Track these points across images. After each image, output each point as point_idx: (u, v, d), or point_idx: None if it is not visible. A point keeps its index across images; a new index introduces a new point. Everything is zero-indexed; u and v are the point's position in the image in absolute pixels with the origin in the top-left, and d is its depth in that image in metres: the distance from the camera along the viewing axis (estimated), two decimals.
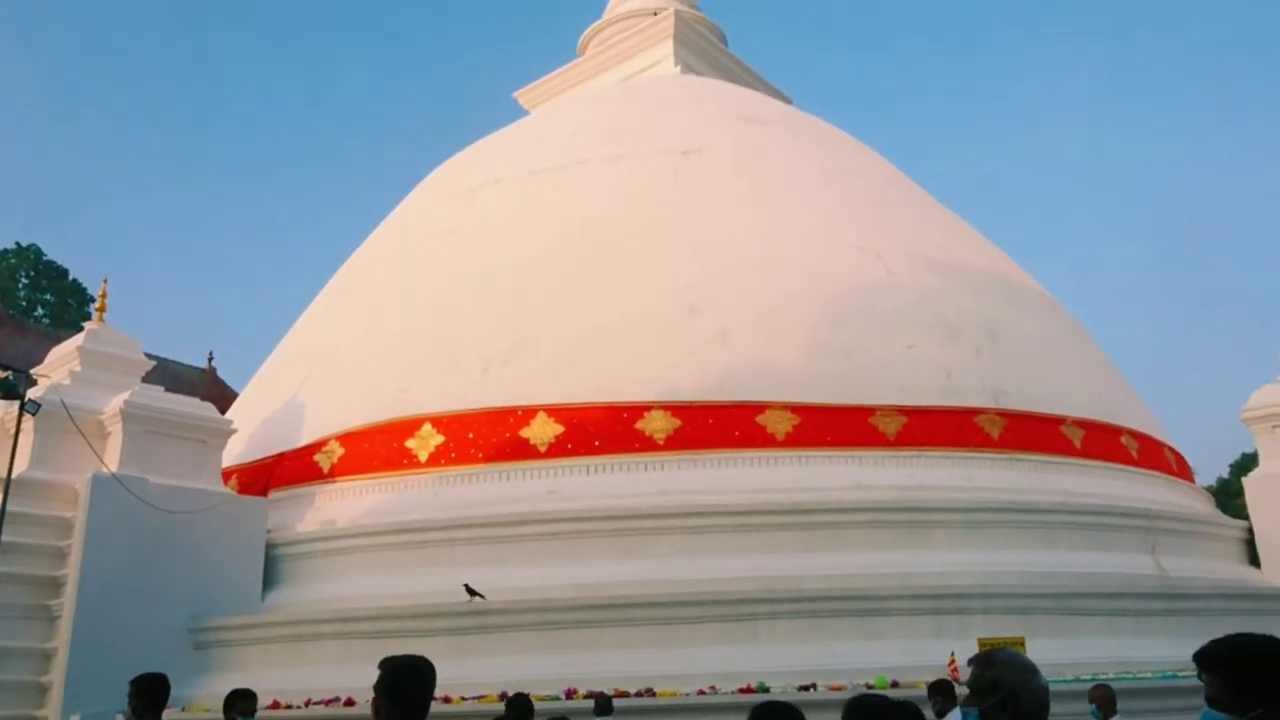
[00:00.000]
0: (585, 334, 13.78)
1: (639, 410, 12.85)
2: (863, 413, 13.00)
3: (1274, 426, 16.05)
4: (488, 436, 13.08)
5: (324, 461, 13.87)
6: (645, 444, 12.71)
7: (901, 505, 12.19)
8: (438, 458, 13.15)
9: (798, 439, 12.72)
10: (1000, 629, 10.42)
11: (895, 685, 9.30)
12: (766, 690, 9.61)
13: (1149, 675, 10.52)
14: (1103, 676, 10.34)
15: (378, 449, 13.53)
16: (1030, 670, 2.50)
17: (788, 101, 24.56)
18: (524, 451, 12.89)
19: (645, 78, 23.09)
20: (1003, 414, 13.55)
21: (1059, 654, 10.54)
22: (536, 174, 17.43)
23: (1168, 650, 11.46)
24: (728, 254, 14.73)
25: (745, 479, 12.44)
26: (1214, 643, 2.58)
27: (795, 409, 12.95)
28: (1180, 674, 10.75)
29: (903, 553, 11.85)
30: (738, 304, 13.94)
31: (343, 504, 13.51)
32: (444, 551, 12.14)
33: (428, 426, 13.36)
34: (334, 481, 13.71)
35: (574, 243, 15.34)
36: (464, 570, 11.50)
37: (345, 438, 13.84)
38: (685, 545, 11.82)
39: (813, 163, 17.88)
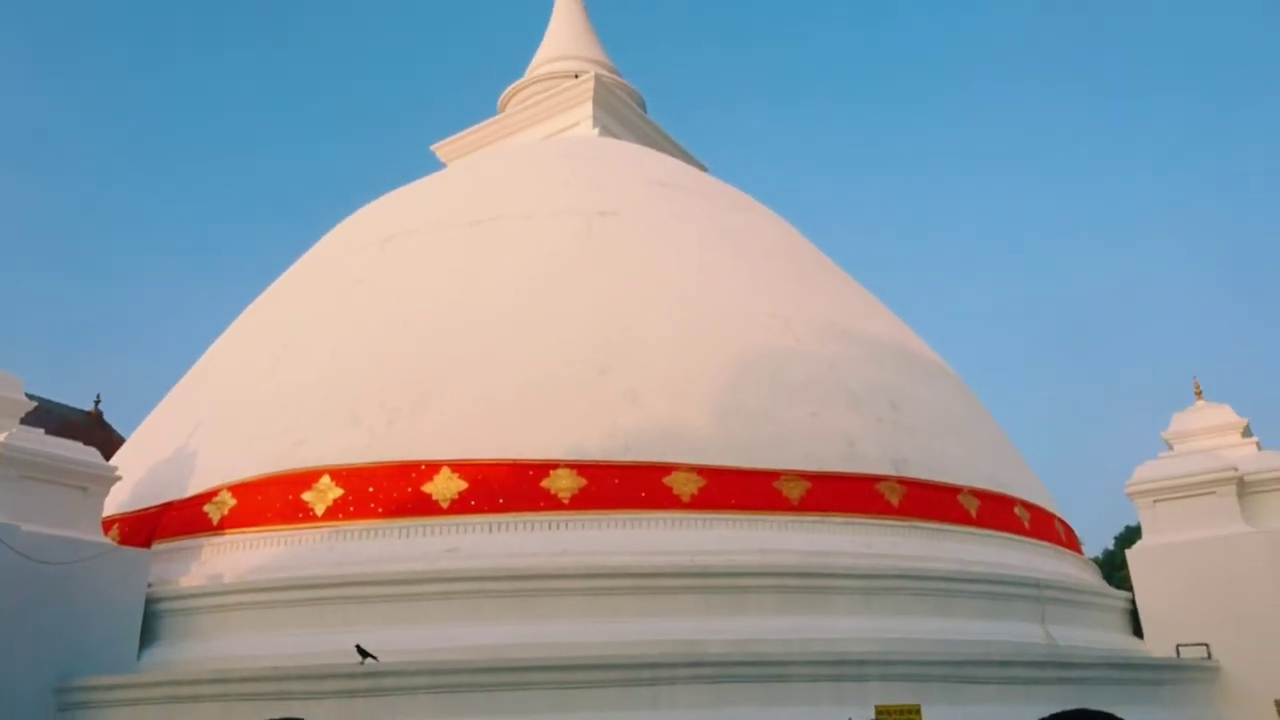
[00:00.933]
0: (493, 390, 13.64)
1: (545, 468, 12.72)
2: (768, 477, 13.11)
3: (1155, 501, 16.70)
4: (388, 491, 12.76)
5: (214, 513, 13.31)
6: (550, 503, 12.56)
7: (804, 571, 12.26)
8: (335, 512, 12.75)
9: (703, 501, 12.74)
10: (898, 696, 10.52)
11: None
12: None
13: None
14: None
15: (272, 501, 13.05)
16: None
17: (703, 168, 25.09)
18: (425, 508, 12.60)
19: (564, 138, 23.36)
20: (903, 482, 13.82)
21: None
22: (450, 227, 17.36)
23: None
24: (639, 315, 14.83)
25: (650, 540, 12.37)
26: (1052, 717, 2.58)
27: (702, 471, 12.98)
28: None
29: (804, 618, 11.90)
30: (648, 365, 14.00)
31: (231, 558, 12.95)
32: (337, 610, 11.71)
33: (326, 479, 12.97)
34: (223, 534, 13.15)
35: (485, 298, 15.25)
36: (358, 630, 11.11)
37: (238, 488, 13.34)
38: (587, 607, 11.65)
39: (726, 229, 18.23)
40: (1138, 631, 16.32)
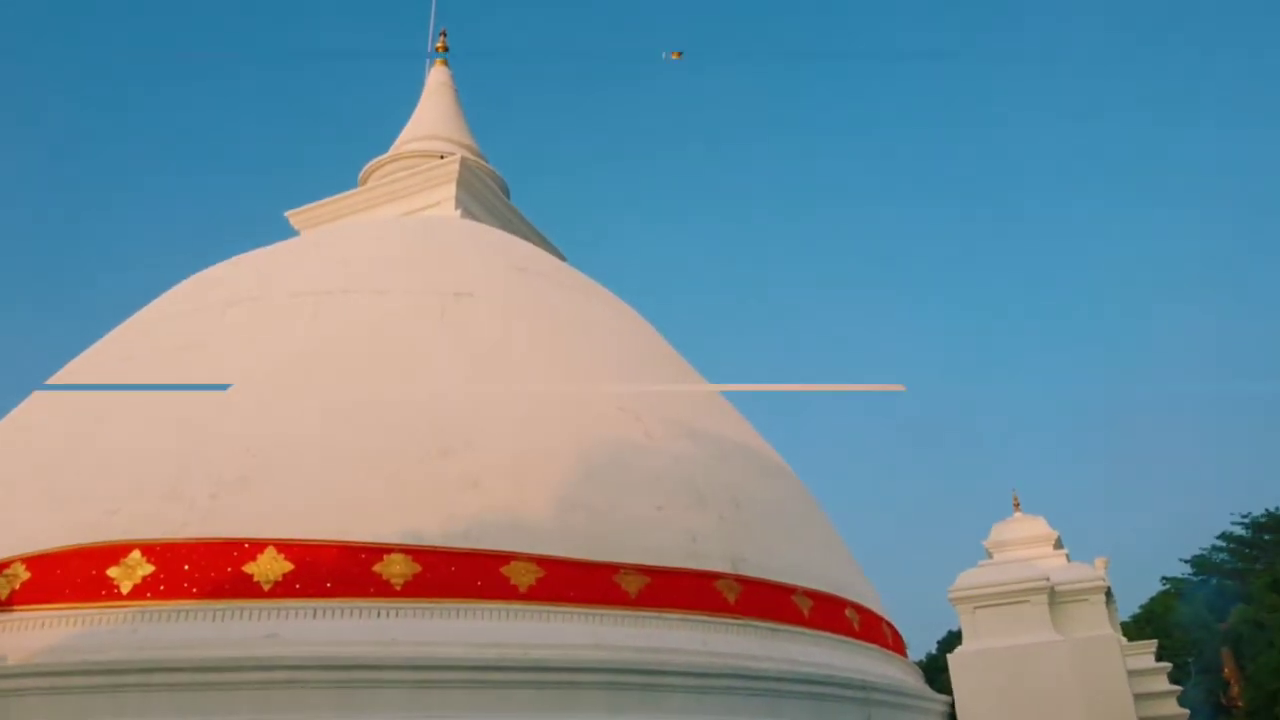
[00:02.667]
0: (328, 468, 13.10)
1: (378, 552, 12.22)
2: (608, 570, 13.00)
3: (975, 608, 17.46)
4: (206, 570, 11.96)
5: (3, 587, 12.14)
6: (381, 589, 12.04)
7: (638, 667, 12.12)
8: (143, 590, 11.83)
9: (541, 593, 12.49)
10: None
11: None
12: None
13: None
14: None
15: (72, 575, 12.01)
16: None
17: (561, 257, 25.34)
18: (245, 589, 11.85)
19: (425, 217, 23.20)
20: (740, 580, 13.95)
21: None
22: (298, 296, 16.83)
23: None
24: (488, 400, 14.65)
25: (484, 632, 12.00)
26: None
27: (541, 562, 12.76)
28: None
29: (637, 716, 11.73)
30: (493, 451, 13.78)
31: (20, 637, 11.77)
32: (137, 698, 10.77)
33: (136, 554, 12.06)
34: (12, 610, 11.97)
35: (328, 372, 14.76)
36: None
37: (34, 560, 12.22)
38: (413, 700, 11.13)
39: (581, 318, 18.38)
40: None
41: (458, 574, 12.35)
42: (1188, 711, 18.08)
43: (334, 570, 12.06)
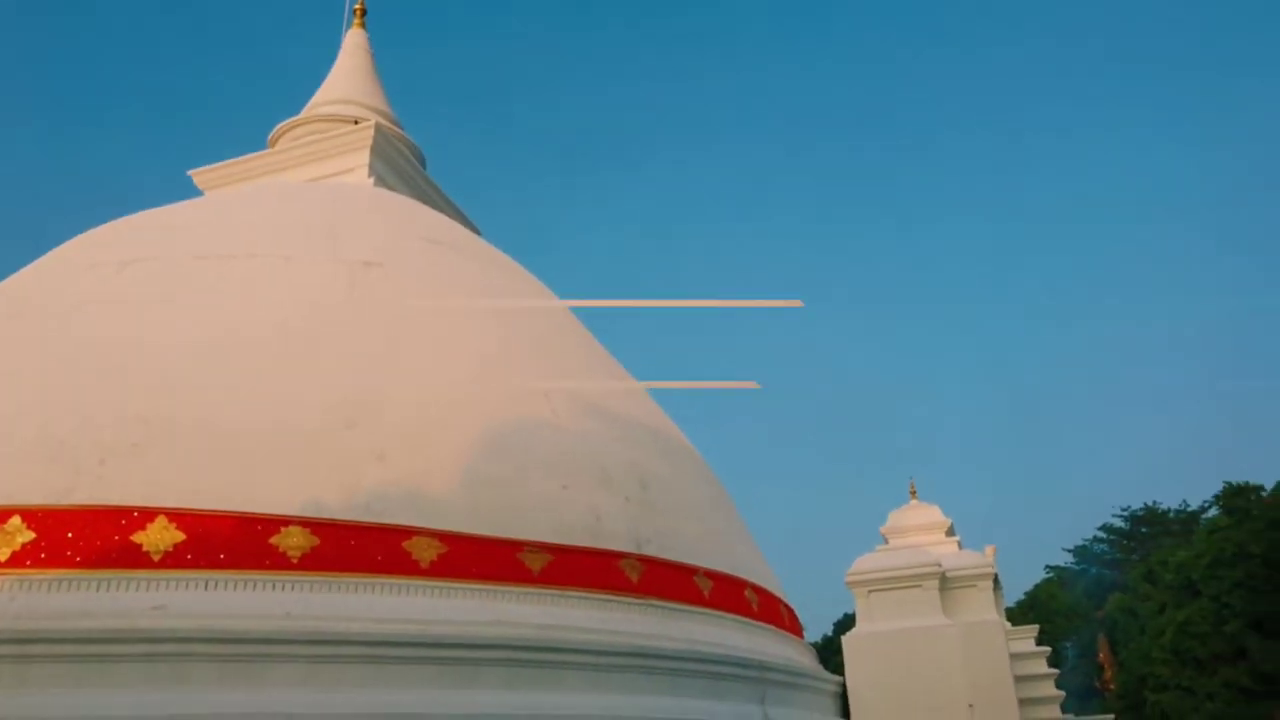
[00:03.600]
0: (226, 436, 12.73)
1: (275, 524, 11.95)
2: (511, 547, 12.96)
3: (870, 591, 17.98)
4: (91, 538, 11.52)
5: None
6: (278, 561, 11.78)
7: (539, 644, 12.13)
8: (23, 558, 11.33)
9: (442, 569, 12.39)
10: None
11: None
12: None
13: None
14: None
15: None
16: None
17: (476, 231, 25.03)
18: (134, 559, 11.46)
19: (336, 183, 22.64)
20: (643, 560, 14.07)
21: None
22: (200, 259, 16.26)
23: None
24: (395, 373, 14.41)
25: (383, 607, 11.85)
26: None
27: (444, 537, 12.65)
28: None
29: (536, 693, 11.75)
30: (398, 424, 13.58)
31: None
32: (13, 670, 10.33)
33: (17, 520, 11.54)
34: None
35: (229, 337, 14.32)
36: (34, 693, 9.85)
37: None
38: (309, 676, 10.93)
39: (494, 294, 18.20)
40: (846, 714, 17.31)
41: (358, 548, 12.16)
42: (1063, 693, 18.96)
43: (228, 541, 11.75)
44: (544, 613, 12.79)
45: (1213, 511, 41.75)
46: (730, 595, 15.45)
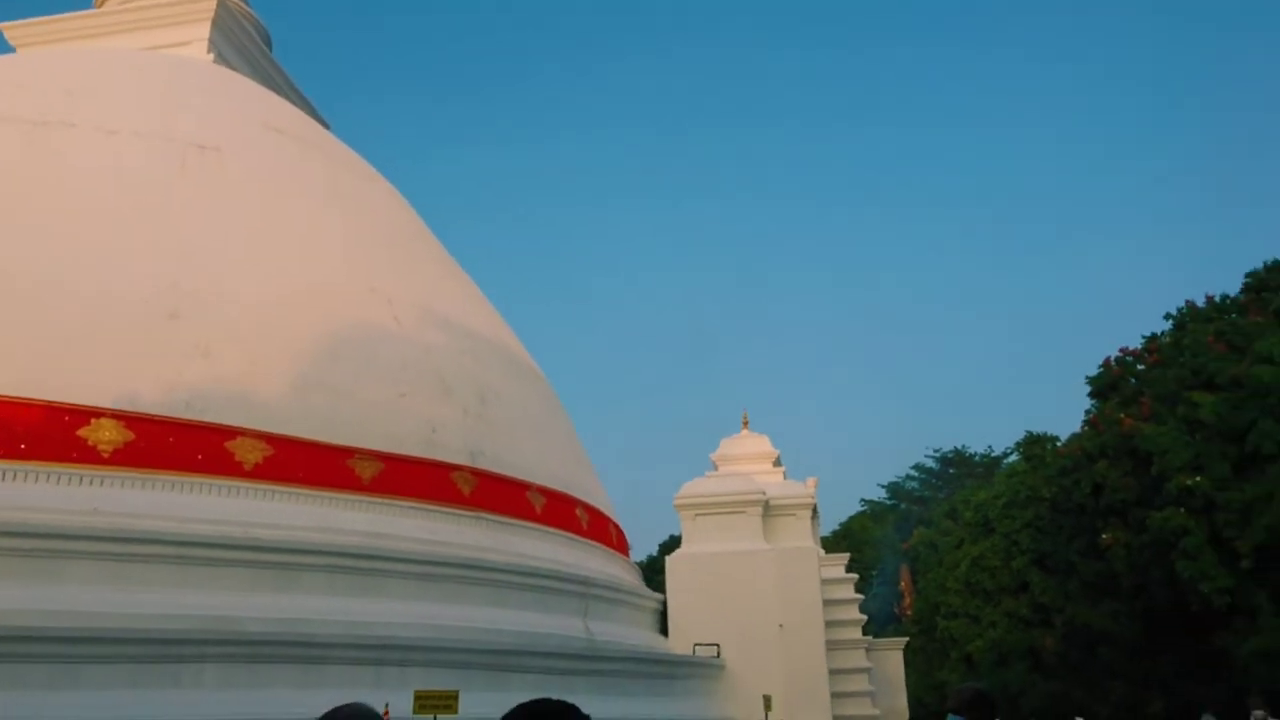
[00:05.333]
0: (36, 319, 11.83)
1: (85, 415, 11.25)
2: (341, 453, 12.68)
3: (696, 515, 18.59)
4: None
5: None
6: (86, 455, 11.13)
7: (364, 552, 12.01)
8: None
9: (267, 472, 12.01)
10: (441, 682, 10.61)
11: None
12: None
13: None
14: None
15: None
16: None
17: (325, 125, 23.81)
18: None
19: (169, 55, 20.98)
20: (476, 473, 14.06)
21: (491, 708, 11.01)
22: (10, 123, 14.84)
23: (587, 708, 12.52)
24: (226, 265, 13.67)
25: (200, 507, 11.41)
26: (518, 707, 2.62)
27: (271, 439, 12.24)
28: None
29: (357, 600, 11.65)
30: (228, 320, 12.94)
31: None
32: None
33: None
34: None
35: (40, 211, 13.20)
36: None
37: None
38: (115, 574, 10.45)
39: (340, 192, 17.43)
40: (665, 630, 17.99)
41: (176, 445, 11.62)
42: (866, 617, 20.28)
43: (33, 431, 11.01)
44: (372, 520, 12.63)
45: (1013, 457, 45.07)
46: (561, 512, 15.68)
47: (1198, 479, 24.35)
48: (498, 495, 14.34)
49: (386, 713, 9.51)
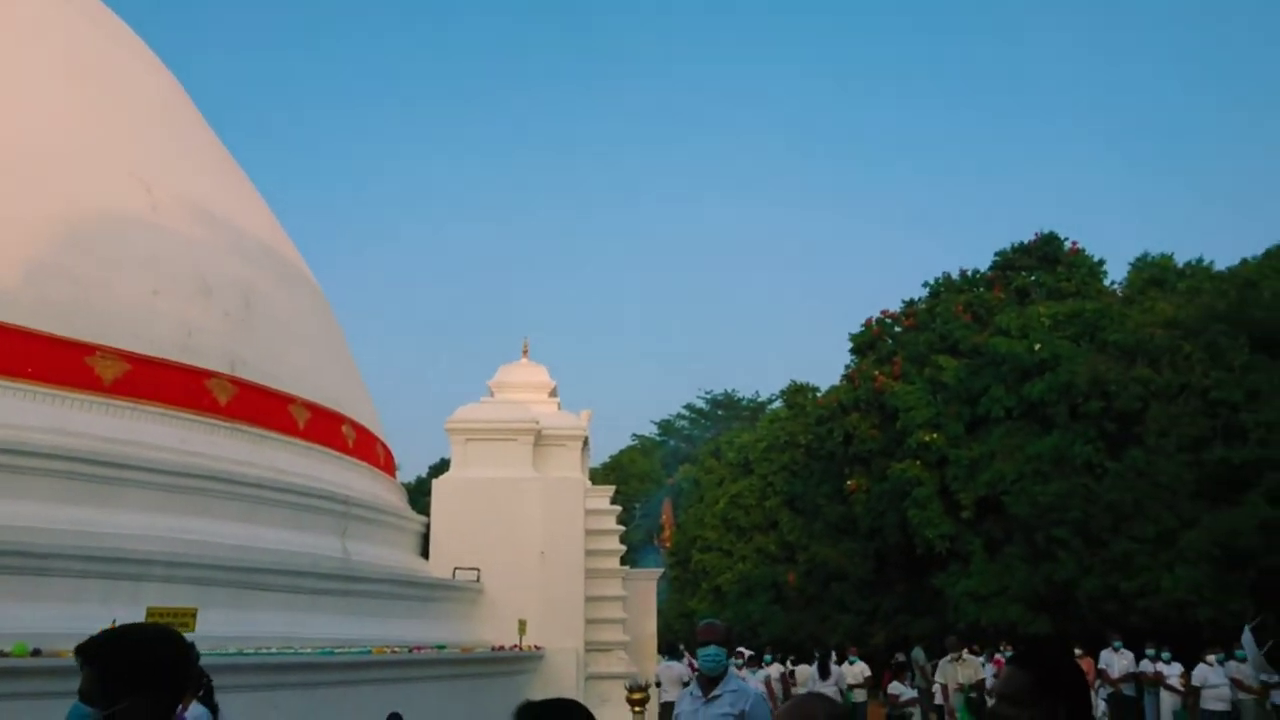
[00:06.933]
0: None
1: None
2: (80, 350, 11.62)
3: (468, 440, 18.46)
4: None
5: None
6: None
7: (102, 458, 11.11)
8: None
9: None
10: (179, 598, 10.06)
11: (38, 653, 8.32)
12: None
13: (309, 651, 11.13)
14: (270, 651, 10.68)
15: None
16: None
17: None
18: None
19: None
20: (236, 382, 13.30)
21: (233, 627, 10.62)
22: None
23: (337, 628, 12.35)
24: None
25: None
26: (95, 636, 2.58)
27: (3, 330, 11.06)
28: (337, 650, 11.58)
29: (94, 509, 10.81)
30: None
31: None
32: None
33: None
34: None
35: None
36: None
37: None
38: None
39: (96, 59, 15.68)
40: (427, 554, 17.90)
41: None
42: (625, 548, 20.98)
43: None
44: (114, 425, 11.68)
45: (778, 404, 47.67)
46: (326, 428, 15.13)
47: (935, 435, 26.68)
48: (258, 406, 13.64)
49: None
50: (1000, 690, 2.46)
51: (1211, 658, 15.16)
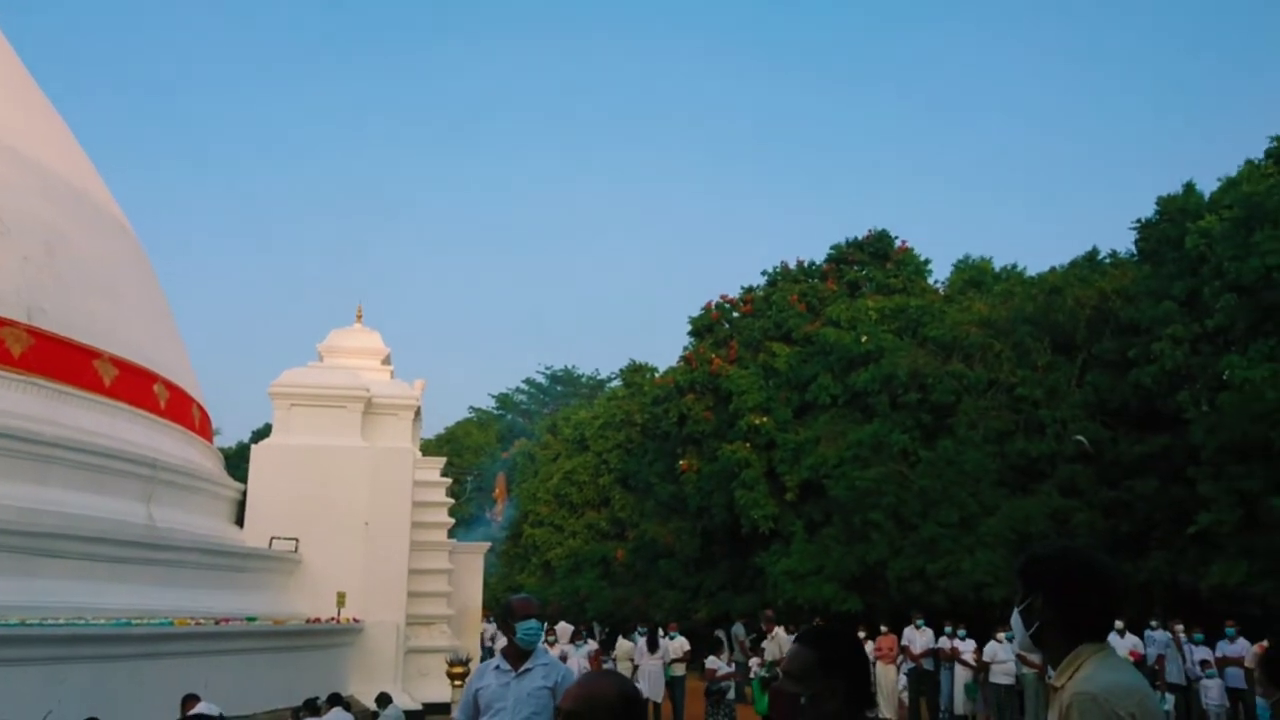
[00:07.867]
0: None
1: None
2: None
3: (292, 405, 17.75)
4: None
5: None
6: None
7: None
8: None
9: None
10: None
11: None
12: None
13: (103, 622, 10.49)
14: (59, 621, 9.99)
15: None
16: None
17: None
18: None
19: None
20: (34, 333, 12.32)
21: (21, 595, 9.91)
22: None
23: (140, 599, 11.65)
24: None
25: None
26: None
27: None
28: (136, 621, 10.95)
29: None
30: None
31: None
32: None
33: None
34: None
35: None
36: None
37: None
38: None
39: None
40: (242, 521, 17.13)
41: None
42: (454, 521, 20.65)
43: None
44: None
45: (616, 382, 48.00)
46: (136, 387, 14.22)
47: (765, 419, 27.50)
48: (58, 360, 12.68)
49: None
50: (785, 667, 2.54)
51: (1001, 635, 16.29)
